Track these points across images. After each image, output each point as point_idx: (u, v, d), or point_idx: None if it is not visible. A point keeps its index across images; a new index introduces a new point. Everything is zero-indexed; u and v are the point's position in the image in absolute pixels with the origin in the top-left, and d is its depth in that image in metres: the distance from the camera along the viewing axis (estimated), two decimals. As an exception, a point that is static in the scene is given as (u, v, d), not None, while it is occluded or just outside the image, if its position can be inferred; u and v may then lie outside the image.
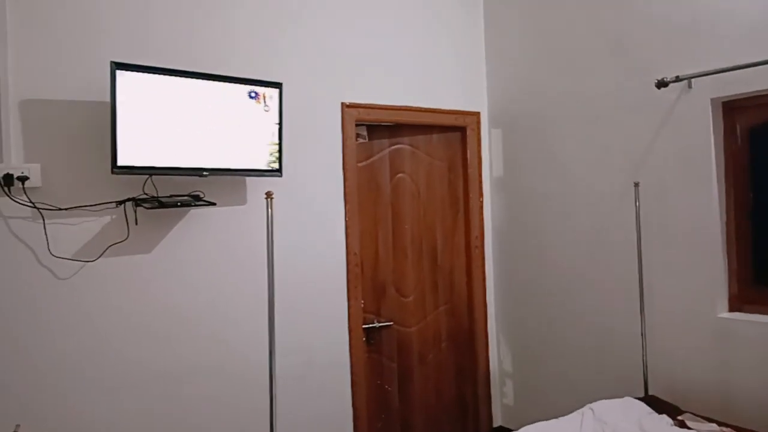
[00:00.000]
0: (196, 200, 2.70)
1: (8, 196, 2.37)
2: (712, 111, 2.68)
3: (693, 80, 2.70)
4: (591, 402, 2.67)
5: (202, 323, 2.80)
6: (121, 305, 2.62)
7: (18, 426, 2.26)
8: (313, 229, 3.12)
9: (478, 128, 3.73)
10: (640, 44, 2.93)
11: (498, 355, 3.80)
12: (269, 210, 2.22)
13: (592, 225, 3.20)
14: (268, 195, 2.20)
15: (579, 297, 3.28)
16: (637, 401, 2.65)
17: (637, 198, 2.91)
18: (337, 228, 3.21)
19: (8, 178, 2.35)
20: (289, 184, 2.98)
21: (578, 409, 2.66)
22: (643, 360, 2.87)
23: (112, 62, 2.34)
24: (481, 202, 3.74)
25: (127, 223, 2.62)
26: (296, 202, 3.06)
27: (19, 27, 2.41)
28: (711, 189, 2.69)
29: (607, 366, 3.14)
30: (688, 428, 2.41)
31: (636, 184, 2.91)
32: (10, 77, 2.38)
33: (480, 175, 3.74)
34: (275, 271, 2.86)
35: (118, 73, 2.35)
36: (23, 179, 2.38)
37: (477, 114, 3.74)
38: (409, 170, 3.55)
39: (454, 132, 3.69)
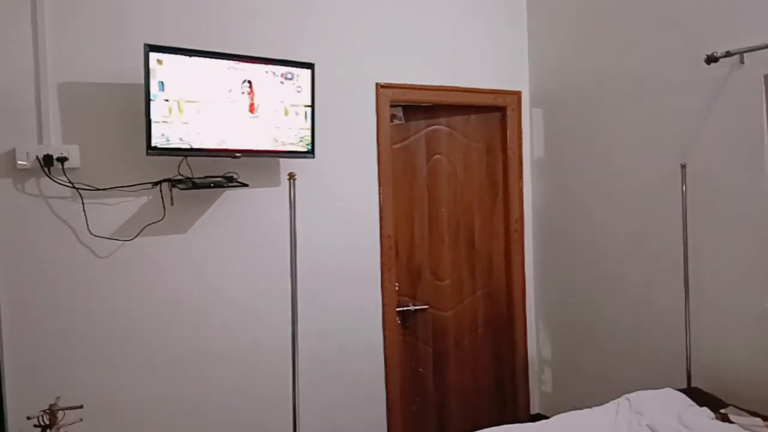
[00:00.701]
0: (229, 181, 2.72)
1: (48, 176, 2.45)
2: (766, 88, 2.50)
3: (745, 55, 2.52)
4: (631, 392, 2.59)
5: (234, 303, 2.84)
6: (157, 284, 2.69)
7: (58, 398, 2.34)
8: (347, 210, 3.11)
9: (519, 108, 3.63)
10: (688, 18, 2.77)
11: (537, 341, 3.72)
12: (292, 191, 2.21)
13: (637, 209, 3.07)
14: (291, 176, 2.20)
15: (621, 284, 3.16)
16: (677, 392, 2.54)
17: (683, 181, 2.77)
18: (371, 210, 3.18)
19: (48, 159, 2.43)
20: (321, 166, 2.97)
21: (616, 398, 2.58)
22: (686, 350, 2.75)
23: (145, 44, 2.37)
24: (521, 184, 3.64)
25: (163, 204, 2.67)
26: (329, 183, 3.05)
27: (56, 11, 2.47)
28: (763, 172, 2.53)
29: (649, 355, 3.03)
30: (731, 422, 2.29)
31: (683, 167, 2.76)
32: (49, 61, 2.45)
33: (520, 157, 3.63)
34: (308, 254, 2.92)
35: (152, 55, 2.38)
36: (63, 160, 2.46)
37: (518, 93, 3.63)
38: (446, 152, 3.49)
39: (494, 112, 3.60)
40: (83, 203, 2.53)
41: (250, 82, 2.63)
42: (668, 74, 2.87)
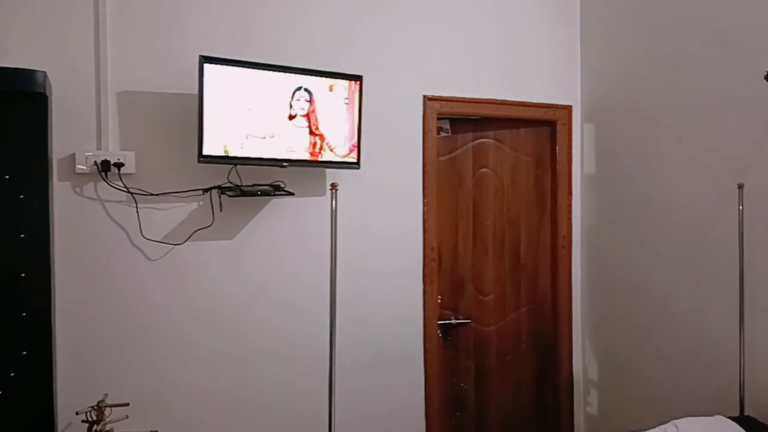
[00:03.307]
0: (275, 190, 2.78)
1: (105, 181, 2.56)
2: (831, 105, 2.39)
3: (809, 71, 2.41)
4: (679, 418, 2.49)
5: (276, 307, 2.90)
6: (204, 287, 2.77)
7: (106, 395, 2.44)
8: (390, 221, 3.13)
9: (569, 123, 3.57)
10: (747, 33, 2.66)
11: (583, 361, 3.63)
12: (333, 201, 2.24)
13: (691, 229, 2.96)
14: (333, 186, 2.22)
15: (672, 305, 3.05)
16: (728, 421, 2.42)
17: (740, 201, 2.65)
18: (414, 221, 3.19)
19: (106, 165, 2.54)
20: (367, 177, 3.00)
21: (663, 424, 2.48)
22: (740, 376, 2.62)
23: (200, 56, 2.45)
24: (570, 200, 3.57)
25: (213, 210, 2.75)
26: (373, 194, 3.07)
27: (116, 21, 2.60)
28: (828, 193, 2.40)
29: (700, 380, 2.90)
30: (786, 456, 2.17)
31: (740, 186, 2.65)
32: (109, 70, 2.57)
33: (570, 172, 3.57)
34: (350, 262, 2.95)
35: (206, 66, 2.46)
36: (119, 166, 2.57)
37: (569, 108, 3.57)
38: (493, 165, 3.46)
39: (543, 126, 3.55)
40: (137, 207, 2.63)
41: (299, 92, 2.68)
42: (726, 90, 2.76)
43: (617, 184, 3.38)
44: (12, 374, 2.21)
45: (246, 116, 2.57)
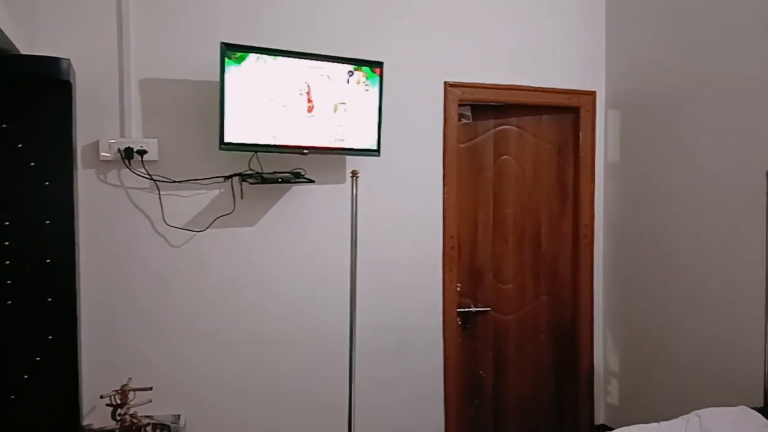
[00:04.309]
0: (296, 177, 2.78)
1: (128, 168, 2.59)
2: None
3: None
4: (702, 408, 2.46)
5: (296, 294, 2.92)
6: (226, 274, 2.79)
7: (130, 379, 2.48)
8: (410, 209, 3.11)
9: (593, 109, 3.51)
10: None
11: (603, 351, 3.60)
12: (354, 189, 2.24)
13: (718, 219, 2.90)
14: (354, 174, 2.22)
15: (697, 296, 3.00)
16: (752, 411, 2.39)
17: (769, 190, 2.60)
18: (434, 209, 3.17)
19: (129, 152, 2.56)
20: (387, 164, 2.98)
21: (686, 414, 2.46)
22: (764, 367, 2.58)
23: (222, 43, 2.45)
24: (593, 189, 3.52)
25: (234, 197, 2.76)
26: (393, 181, 3.06)
27: (139, 10, 2.61)
28: None
29: (723, 372, 2.87)
30: (811, 450, 2.14)
31: (768, 175, 2.60)
32: (132, 58, 2.58)
33: (592, 160, 3.52)
34: (370, 250, 2.95)
35: (228, 53, 2.46)
36: (142, 153, 2.59)
37: (593, 93, 3.51)
38: (514, 152, 3.42)
39: (566, 113, 3.50)
40: (160, 194, 2.65)
41: (320, 79, 2.67)
42: (756, 75, 2.69)
43: (642, 173, 3.33)
44: (38, 359, 2.25)
45: (267, 103, 2.57)
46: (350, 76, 2.74)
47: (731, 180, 2.83)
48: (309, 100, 2.66)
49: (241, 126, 2.52)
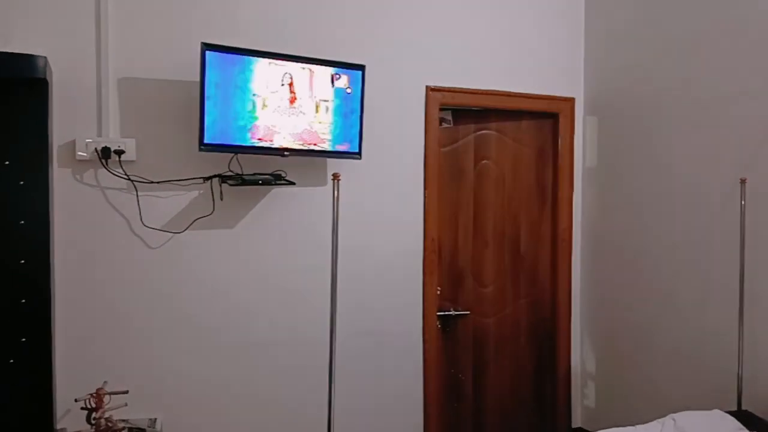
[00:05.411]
0: (277, 179, 2.77)
1: (106, 168, 2.55)
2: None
3: (816, 66, 2.40)
4: (677, 412, 2.50)
5: (277, 296, 2.90)
6: (204, 276, 2.76)
7: (105, 382, 2.44)
8: (391, 212, 3.12)
9: (572, 115, 3.55)
10: (753, 25, 2.65)
11: (581, 354, 3.64)
12: (335, 191, 2.24)
13: (692, 223, 2.96)
14: (335, 177, 2.22)
15: (672, 299, 3.05)
16: (726, 415, 2.43)
17: (742, 196, 2.65)
18: (415, 212, 3.18)
19: (106, 151, 2.53)
20: (368, 167, 2.98)
21: (662, 417, 2.49)
22: (738, 371, 2.63)
23: (202, 43, 2.44)
24: (571, 193, 3.57)
25: (213, 199, 2.74)
26: (375, 184, 3.07)
27: (117, 7, 2.58)
28: (831, 189, 2.40)
29: (698, 375, 2.91)
30: (783, 451, 2.19)
31: (742, 181, 2.65)
32: (110, 56, 2.55)
33: (571, 165, 3.56)
34: (351, 253, 2.93)
35: (208, 53, 2.44)
36: (120, 153, 2.56)
37: (571, 100, 3.55)
38: (494, 157, 3.45)
39: (546, 119, 3.54)
40: (137, 195, 2.62)
41: (301, 81, 2.66)
42: (736, 84, 2.75)
43: (619, 178, 3.38)
44: (11, 361, 2.21)
45: (247, 104, 2.55)
46: (332, 78, 2.74)
47: (705, 185, 2.88)
48: (291, 92, 2.64)
49: (221, 127, 2.50)
